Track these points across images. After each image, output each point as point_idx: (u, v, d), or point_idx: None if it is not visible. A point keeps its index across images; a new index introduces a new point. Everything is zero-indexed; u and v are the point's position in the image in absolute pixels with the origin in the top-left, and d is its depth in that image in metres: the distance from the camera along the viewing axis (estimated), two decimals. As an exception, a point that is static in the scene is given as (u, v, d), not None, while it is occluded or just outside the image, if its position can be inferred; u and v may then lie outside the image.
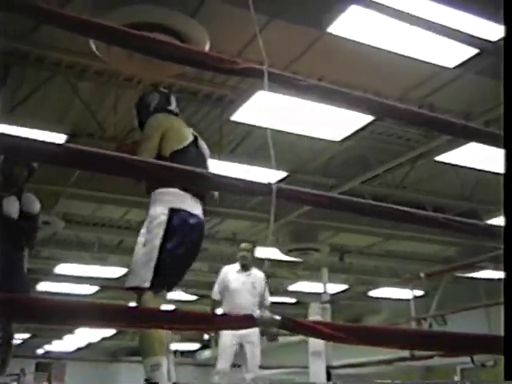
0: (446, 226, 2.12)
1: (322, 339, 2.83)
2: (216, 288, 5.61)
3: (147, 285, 2.69)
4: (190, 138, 3.17)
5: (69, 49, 5.29)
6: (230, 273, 5.57)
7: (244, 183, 1.82)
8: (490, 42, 4.26)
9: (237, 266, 5.60)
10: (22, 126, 5.46)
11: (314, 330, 1.80)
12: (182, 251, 2.80)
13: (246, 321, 1.65)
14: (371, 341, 1.90)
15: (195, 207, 2.91)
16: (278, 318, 1.73)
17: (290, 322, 1.74)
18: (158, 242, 2.73)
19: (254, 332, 5.18)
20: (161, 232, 2.75)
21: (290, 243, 8.46)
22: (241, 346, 5.30)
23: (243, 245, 5.69)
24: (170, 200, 2.84)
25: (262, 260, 9.73)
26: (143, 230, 2.85)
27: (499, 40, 4.11)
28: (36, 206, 3.85)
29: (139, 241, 2.82)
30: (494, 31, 4.11)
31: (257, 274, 5.58)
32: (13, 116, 5.80)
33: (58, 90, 6.02)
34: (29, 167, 3.92)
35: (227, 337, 5.26)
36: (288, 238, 8.43)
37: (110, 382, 17.41)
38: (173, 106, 3.32)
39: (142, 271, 2.72)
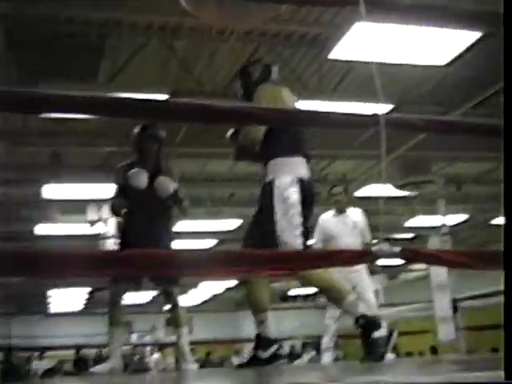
0: None
1: (445, 266, 2.74)
2: (316, 237, 5.48)
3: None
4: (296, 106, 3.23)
5: (159, 10, 5.34)
6: (328, 219, 5.44)
7: (351, 117, 1.76)
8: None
9: (332, 211, 5.47)
10: (124, 92, 5.61)
11: (435, 258, 1.73)
12: (311, 212, 3.00)
13: (365, 255, 1.62)
14: (497, 264, 1.79)
15: (308, 171, 3.03)
16: (397, 249, 1.68)
17: (409, 252, 1.69)
18: (297, 209, 2.87)
19: (364, 272, 5.11)
20: (296, 200, 2.87)
21: (402, 178, 8.23)
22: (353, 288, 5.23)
23: (335, 189, 5.52)
24: (294, 168, 2.96)
25: (376, 198, 9.62)
26: (277, 201, 2.90)
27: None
28: (169, 188, 3.92)
29: (277, 211, 2.88)
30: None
31: (355, 213, 5.45)
32: (114, 85, 5.98)
33: (155, 53, 6.13)
34: (158, 139, 4.02)
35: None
36: (400, 173, 8.20)
37: (236, 331, 18.11)
38: (275, 76, 3.31)
39: (291, 239, 2.83)
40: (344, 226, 5.35)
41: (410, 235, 12.89)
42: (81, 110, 1.83)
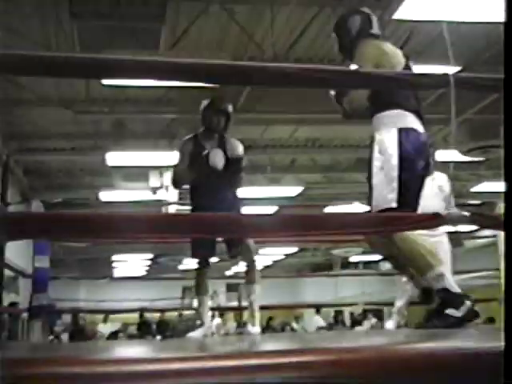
0: None
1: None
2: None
3: (394, 205, 2.68)
4: (403, 62, 3.00)
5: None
6: None
7: (421, 78, 1.69)
8: None
9: None
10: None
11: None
12: (418, 168, 2.80)
13: (435, 219, 1.56)
14: None
15: (420, 126, 2.88)
16: (466, 213, 1.61)
17: (479, 216, 1.62)
18: (395, 161, 2.74)
19: (445, 241, 4.96)
20: (395, 152, 2.75)
21: (469, 142, 7.96)
22: None
23: None
24: (396, 121, 2.83)
25: (443, 163, 9.35)
26: (376, 154, 2.83)
27: None
28: (240, 150, 4.01)
29: (375, 164, 2.81)
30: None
31: (441, 178, 5.27)
32: (175, 51, 5.99)
33: (215, 19, 6.09)
34: (226, 114, 4.05)
35: None
36: (467, 137, 7.93)
37: (296, 296, 18.23)
38: (375, 29, 3.11)
39: (385, 192, 2.73)
40: (429, 190, 5.20)
41: (477, 202, 12.54)
42: (143, 75, 1.83)
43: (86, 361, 1.11)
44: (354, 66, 2.89)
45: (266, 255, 16.32)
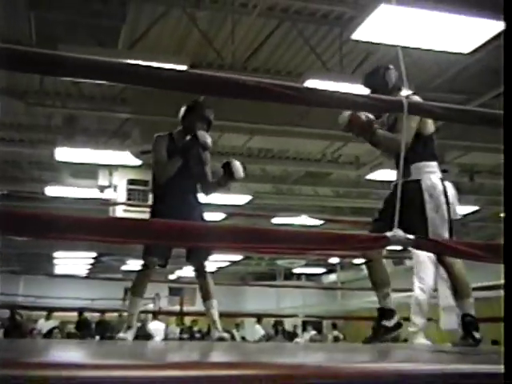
0: None
1: (457, 257, 2.79)
2: None
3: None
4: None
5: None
6: None
7: (375, 100, 1.74)
8: None
9: None
10: (142, 60, 5.57)
11: (449, 248, 1.72)
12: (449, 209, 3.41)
13: (379, 240, 1.61)
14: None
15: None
16: (411, 236, 1.67)
17: (424, 240, 1.68)
18: (445, 206, 3.32)
19: None
20: (443, 198, 3.35)
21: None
22: None
23: None
24: (436, 171, 3.42)
25: (387, 182, 9.56)
26: (427, 198, 3.32)
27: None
28: (209, 140, 3.99)
29: (428, 207, 3.30)
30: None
31: (448, 187, 5.28)
32: (133, 51, 5.95)
33: (176, 22, 6.08)
34: (208, 121, 4.05)
35: None
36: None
37: (238, 304, 18.24)
38: (405, 85, 3.47)
39: (441, 231, 3.26)
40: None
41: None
42: (99, 75, 1.82)
43: (22, 363, 1.11)
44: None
45: (212, 261, 16.26)
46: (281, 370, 1.14)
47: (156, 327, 12.13)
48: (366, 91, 3.54)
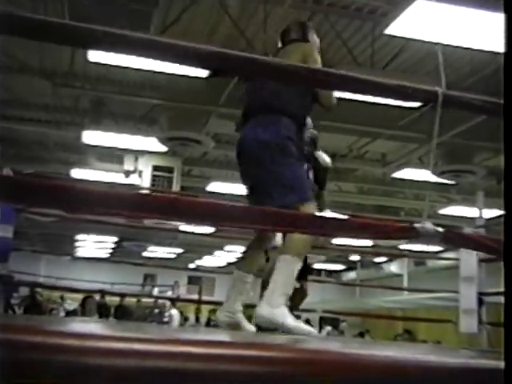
0: None
1: (486, 252, 2.71)
2: None
3: None
4: None
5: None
6: None
7: (410, 88, 1.70)
8: None
9: None
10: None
11: (478, 242, 1.69)
12: None
13: (407, 231, 1.58)
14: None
15: None
16: (440, 229, 1.63)
17: (453, 234, 1.64)
18: None
19: None
20: None
21: (443, 164, 8.07)
22: None
23: None
24: None
25: (413, 182, 9.48)
26: None
27: None
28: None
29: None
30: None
31: None
32: (165, 37, 5.94)
33: (208, 9, 6.06)
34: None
35: None
36: (442, 159, 8.04)
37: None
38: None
39: None
40: None
41: (443, 224, 12.71)
42: (132, 51, 1.81)
43: (44, 331, 1.10)
44: None
45: (232, 252, 16.32)
46: (300, 353, 1.12)
47: (173, 314, 12.19)
48: None
